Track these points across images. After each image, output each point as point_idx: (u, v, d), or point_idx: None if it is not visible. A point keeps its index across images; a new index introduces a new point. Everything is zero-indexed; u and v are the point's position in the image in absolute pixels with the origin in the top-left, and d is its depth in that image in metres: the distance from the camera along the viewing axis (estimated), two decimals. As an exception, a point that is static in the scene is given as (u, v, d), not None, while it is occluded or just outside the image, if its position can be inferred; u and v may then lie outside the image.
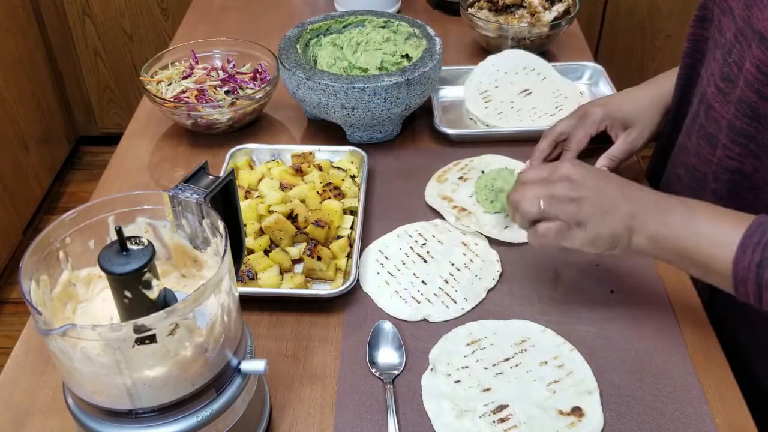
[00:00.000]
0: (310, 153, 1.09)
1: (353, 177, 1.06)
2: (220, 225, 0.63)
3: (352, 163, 1.08)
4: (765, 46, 0.75)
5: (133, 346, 0.55)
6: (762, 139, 0.81)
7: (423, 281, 0.92)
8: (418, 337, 0.85)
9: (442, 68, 1.24)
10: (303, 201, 0.99)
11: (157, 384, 0.58)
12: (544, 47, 1.39)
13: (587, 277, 0.93)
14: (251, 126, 1.22)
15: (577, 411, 0.76)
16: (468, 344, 0.83)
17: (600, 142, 1.05)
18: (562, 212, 0.78)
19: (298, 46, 1.16)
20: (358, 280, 0.91)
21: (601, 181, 0.79)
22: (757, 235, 0.70)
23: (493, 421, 0.75)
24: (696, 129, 0.92)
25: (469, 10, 1.40)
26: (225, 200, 0.70)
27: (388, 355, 0.83)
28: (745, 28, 0.80)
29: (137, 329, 0.54)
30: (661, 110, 1.04)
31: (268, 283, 0.89)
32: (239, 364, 0.65)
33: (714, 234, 0.73)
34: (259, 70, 1.26)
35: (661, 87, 1.05)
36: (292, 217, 0.97)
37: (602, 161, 1.04)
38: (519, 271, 0.94)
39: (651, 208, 0.76)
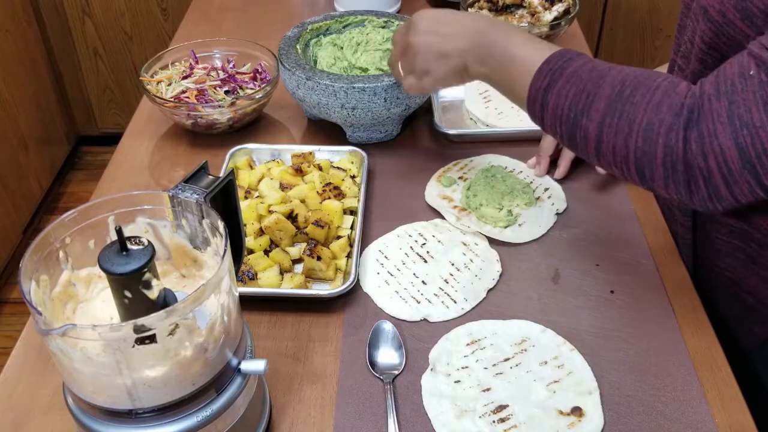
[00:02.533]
0: (310, 153, 1.09)
1: (353, 177, 1.06)
2: (220, 225, 0.63)
3: (352, 163, 1.08)
4: (707, 17, 0.78)
5: (133, 346, 0.55)
6: None
7: (423, 281, 0.92)
8: (418, 337, 0.85)
9: (442, 68, 1.24)
10: (303, 201, 0.99)
11: (157, 384, 0.58)
12: (544, 47, 1.39)
13: (587, 277, 0.93)
14: (251, 126, 1.22)
15: (577, 411, 0.76)
16: (468, 344, 0.83)
17: None
18: (412, 66, 0.94)
19: (298, 46, 1.16)
20: (358, 280, 0.91)
21: (440, 24, 0.90)
22: (554, 61, 0.78)
23: (493, 421, 0.75)
24: None
25: (469, 10, 1.40)
26: (225, 200, 0.70)
27: (388, 355, 0.83)
28: (696, 6, 0.83)
29: (137, 329, 0.54)
30: None
31: (268, 283, 0.89)
32: (239, 364, 0.65)
33: (522, 59, 0.82)
34: (259, 70, 1.26)
35: None
36: (292, 217, 0.97)
37: None
38: (519, 271, 0.94)
39: (478, 40, 0.86)
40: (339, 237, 0.96)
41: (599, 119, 0.73)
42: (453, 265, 0.94)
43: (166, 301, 0.60)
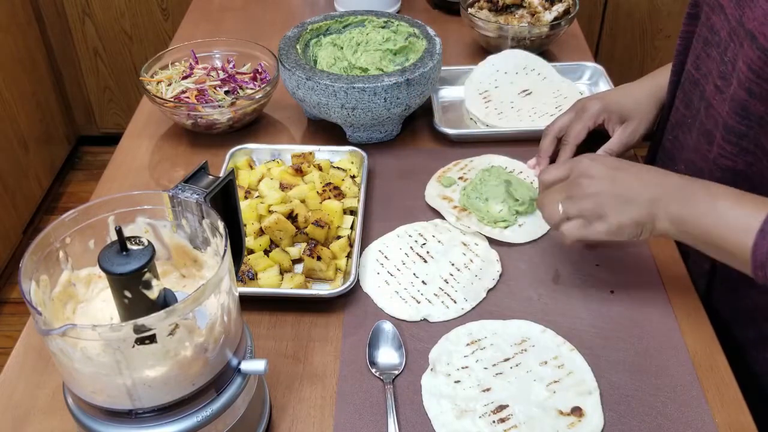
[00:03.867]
0: (310, 153, 1.09)
1: (353, 177, 1.06)
2: (220, 225, 0.63)
3: (352, 163, 1.08)
4: (756, 45, 0.76)
5: (133, 346, 0.55)
6: (753, 136, 0.81)
7: (423, 281, 0.92)
8: (418, 337, 0.85)
9: (442, 68, 1.24)
10: (303, 201, 0.99)
11: (157, 384, 0.58)
12: (544, 47, 1.39)
13: (587, 277, 0.93)
14: (251, 126, 1.22)
15: (577, 411, 0.76)
16: (468, 344, 0.83)
17: (598, 138, 1.05)
18: (581, 210, 0.80)
19: (298, 46, 1.16)
20: (358, 280, 0.91)
21: (620, 171, 0.80)
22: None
23: (493, 421, 0.75)
24: (697, 126, 0.93)
25: (469, 10, 1.40)
26: (225, 200, 0.70)
27: (388, 355, 0.83)
28: (737, 27, 0.81)
29: (137, 329, 0.54)
30: (658, 104, 1.05)
31: (268, 283, 0.89)
32: (239, 364, 0.66)
33: (735, 218, 0.73)
34: (259, 70, 1.26)
35: (657, 81, 1.06)
36: (292, 217, 0.97)
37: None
38: (519, 271, 0.94)
39: (673, 192, 0.77)
40: (339, 237, 0.96)
41: None
42: (453, 265, 0.94)
43: (166, 301, 0.60)
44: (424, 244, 0.97)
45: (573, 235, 0.82)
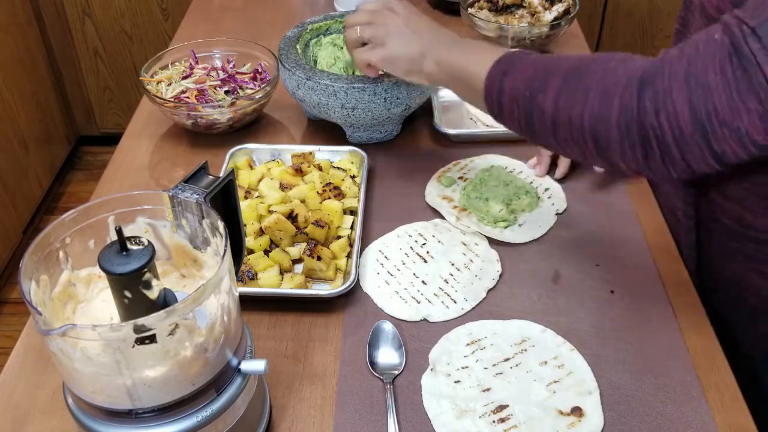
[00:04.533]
0: (310, 153, 1.09)
1: (353, 177, 1.06)
2: (220, 225, 0.63)
3: (352, 163, 1.08)
4: (704, 14, 0.78)
5: (133, 346, 0.55)
6: None
7: (423, 281, 0.92)
8: (418, 337, 0.85)
9: (442, 68, 1.24)
10: (303, 201, 0.99)
11: (157, 384, 0.58)
12: (544, 47, 1.39)
13: (587, 277, 0.93)
14: (251, 126, 1.22)
15: (577, 411, 0.76)
16: (468, 344, 0.83)
17: None
18: (372, 35, 0.96)
19: (298, 46, 1.16)
20: (358, 280, 0.91)
21: (418, 17, 0.95)
22: (514, 53, 0.81)
23: (493, 421, 0.75)
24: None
25: (469, 10, 1.40)
26: (225, 200, 0.70)
27: (388, 355, 0.83)
28: (696, 3, 0.83)
29: (137, 329, 0.54)
30: None
31: (268, 283, 0.89)
32: (239, 364, 0.65)
33: (479, 58, 0.83)
34: (259, 70, 1.26)
35: None
36: (292, 217, 0.97)
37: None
38: (519, 271, 0.94)
39: (445, 40, 0.92)
40: (339, 237, 0.96)
41: (555, 94, 0.73)
42: (453, 265, 0.94)
43: (166, 301, 0.60)
44: (424, 244, 0.97)
45: (360, 57, 0.98)
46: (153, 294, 0.58)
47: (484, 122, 1.20)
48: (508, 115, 0.80)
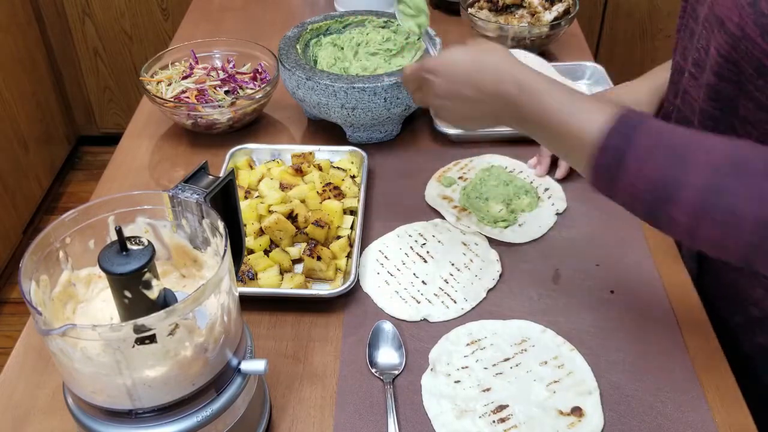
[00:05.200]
0: (310, 153, 1.09)
1: (353, 177, 1.06)
2: (220, 225, 0.63)
3: (352, 163, 1.08)
4: (724, 30, 0.76)
5: (133, 346, 0.55)
6: (725, 119, 0.82)
7: (423, 281, 0.92)
8: (418, 337, 0.85)
9: (442, 68, 1.24)
10: (303, 201, 0.99)
11: (157, 384, 0.58)
12: (544, 47, 1.39)
13: (587, 277, 0.93)
14: (251, 126, 1.22)
15: (577, 411, 0.76)
16: (468, 344, 0.83)
17: None
18: (430, 103, 0.85)
19: (298, 46, 1.16)
20: (358, 280, 0.91)
21: (464, 90, 0.81)
22: (616, 136, 0.68)
23: (493, 421, 0.75)
24: (674, 113, 0.94)
25: (469, 10, 1.40)
26: (225, 200, 0.70)
27: (388, 355, 0.83)
28: (709, 14, 0.81)
29: (137, 329, 0.54)
30: (658, 102, 1.04)
31: (268, 283, 0.89)
32: (239, 364, 0.65)
33: (572, 127, 0.72)
34: (259, 70, 1.26)
35: (657, 79, 1.05)
36: (292, 217, 0.97)
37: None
38: (519, 271, 0.94)
39: (507, 107, 0.78)
40: (339, 237, 0.96)
41: (691, 210, 0.64)
42: (453, 265, 0.94)
43: (166, 301, 0.60)
44: (424, 244, 0.97)
45: (446, 120, 0.87)
46: (153, 294, 0.58)
47: (484, 122, 1.20)
48: (626, 206, 0.70)
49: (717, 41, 0.78)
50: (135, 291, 0.57)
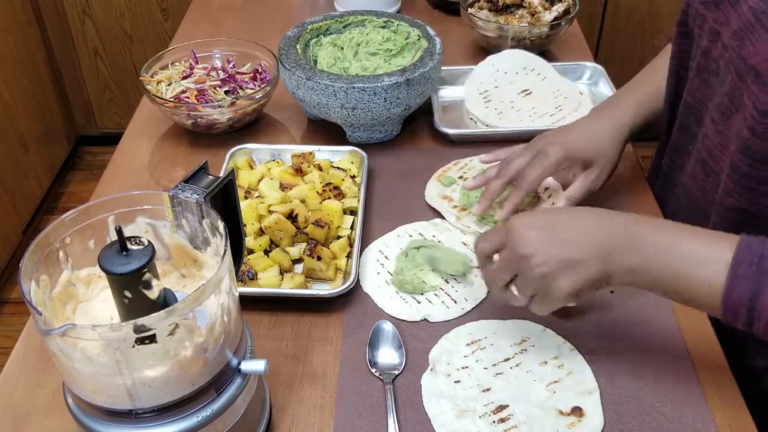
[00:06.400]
0: (310, 153, 1.09)
1: (353, 177, 1.06)
2: (220, 225, 0.63)
3: (352, 163, 1.08)
4: (760, 82, 0.73)
5: (133, 346, 0.55)
6: (757, 175, 0.80)
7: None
8: (418, 337, 0.85)
9: (442, 68, 1.24)
10: (303, 201, 0.99)
11: (157, 384, 0.58)
12: (544, 47, 1.39)
13: (587, 277, 0.92)
14: (251, 126, 1.22)
15: (577, 411, 0.76)
16: (468, 344, 0.83)
17: None
18: (534, 289, 0.74)
19: (298, 46, 1.16)
20: (358, 280, 0.91)
21: (556, 231, 0.73)
22: (746, 262, 0.66)
23: (493, 421, 0.75)
24: (694, 153, 0.93)
25: (469, 10, 1.40)
26: (225, 200, 0.70)
27: (388, 355, 0.83)
28: (737, 60, 0.78)
29: (137, 329, 0.54)
30: (621, 145, 0.98)
31: (268, 283, 0.89)
32: (239, 364, 0.66)
33: (697, 259, 0.68)
34: (259, 70, 1.26)
35: (622, 114, 0.98)
36: (292, 217, 0.97)
37: (560, 203, 0.97)
38: (519, 271, 0.94)
39: (621, 242, 0.71)
40: (339, 237, 0.96)
41: None
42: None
43: (166, 301, 0.60)
44: (424, 244, 0.97)
45: (542, 312, 0.77)
46: (153, 294, 0.58)
47: (484, 122, 1.20)
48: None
49: (752, 93, 0.75)
50: (135, 291, 0.57)
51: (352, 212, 1.00)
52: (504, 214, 0.94)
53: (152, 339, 0.56)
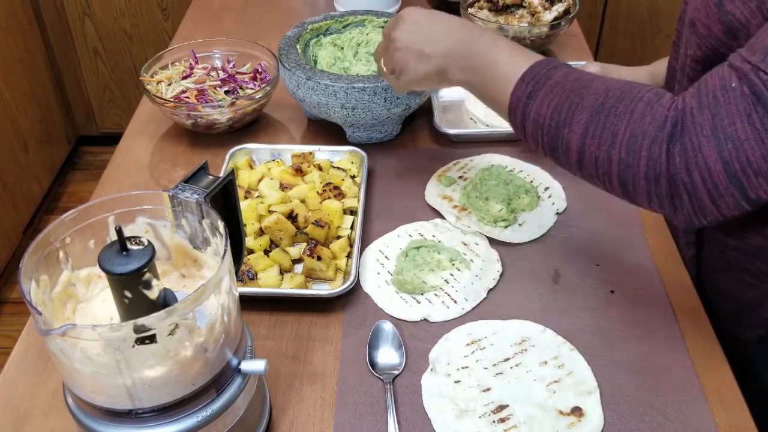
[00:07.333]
0: (310, 153, 1.09)
1: (353, 177, 1.06)
2: (220, 225, 0.63)
3: (352, 163, 1.08)
4: (695, 32, 0.77)
5: (133, 346, 0.55)
6: None
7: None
8: (418, 337, 0.85)
9: (442, 68, 1.24)
10: (303, 201, 0.99)
11: (157, 384, 0.58)
12: (544, 47, 1.39)
13: (587, 277, 0.93)
14: (251, 126, 1.22)
15: (577, 411, 0.76)
16: (468, 344, 0.83)
17: None
18: (393, 66, 0.90)
19: (298, 46, 1.16)
20: (358, 280, 0.91)
21: (425, 21, 0.89)
22: (537, 68, 0.77)
23: (493, 421, 0.75)
24: None
25: (469, 10, 1.40)
26: (225, 200, 0.70)
27: (388, 355, 0.83)
28: (685, 17, 0.83)
29: (137, 329, 0.54)
30: (654, 83, 1.05)
31: (268, 283, 0.89)
32: (239, 364, 0.65)
33: (505, 66, 0.80)
34: (259, 70, 1.26)
35: (658, 70, 1.06)
36: (292, 217, 0.97)
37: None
38: (519, 270, 0.94)
39: (461, 47, 0.85)
40: (339, 237, 0.96)
41: (581, 130, 0.72)
42: (453, 265, 0.94)
43: (166, 301, 0.60)
44: (424, 244, 0.97)
45: (394, 87, 0.94)
46: (153, 294, 0.58)
47: (484, 122, 1.20)
48: (532, 140, 0.78)
49: (690, 45, 0.79)
50: (135, 291, 0.57)
51: (352, 212, 1.00)
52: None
53: (152, 339, 0.56)
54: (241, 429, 0.68)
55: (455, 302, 0.89)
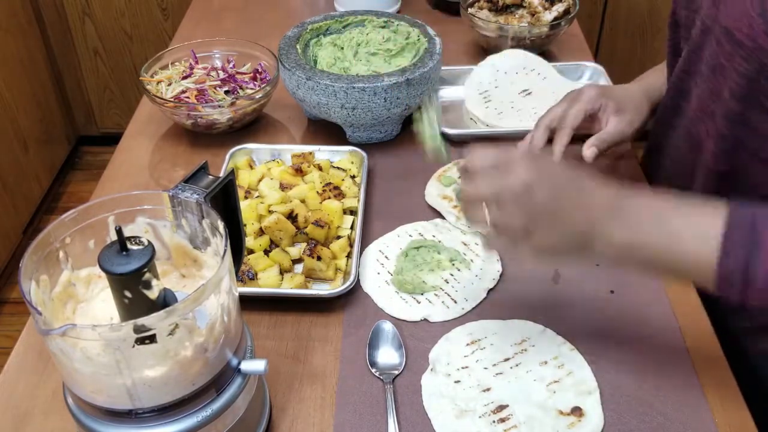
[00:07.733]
0: (310, 153, 1.09)
1: (353, 177, 1.06)
2: (220, 225, 0.63)
3: (352, 163, 1.08)
4: (728, 38, 0.76)
5: (133, 346, 0.55)
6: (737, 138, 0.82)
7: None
8: (418, 337, 0.85)
9: (442, 68, 1.24)
10: (303, 201, 0.99)
11: (157, 384, 0.58)
12: (544, 47, 1.39)
13: (587, 277, 0.93)
14: (251, 126, 1.22)
15: (577, 411, 0.76)
16: (468, 344, 0.83)
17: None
18: (505, 222, 0.69)
19: (298, 46, 1.16)
20: (358, 280, 0.91)
21: (554, 181, 0.69)
22: (739, 231, 0.65)
23: (493, 421, 0.75)
24: (681, 117, 0.95)
25: (469, 10, 1.40)
26: (225, 200, 0.70)
27: (388, 355, 0.83)
28: (712, 25, 0.81)
29: (137, 329, 0.54)
30: (651, 104, 1.04)
31: (268, 283, 0.89)
32: (239, 364, 0.66)
33: (691, 233, 0.67)
34: (259, 70, 1.26)
35: (650, 83, 1.06)
36: (292, 217, 0.97)
37: (592, 141, 0.99)
38: (519, 271, 0.94)
39: (611, 211, 0.68)
40: (339, 237, 0.96)
41: None
42: (453, 265, 0.94)
43: (166, 301, 0.60)
44: (424, 244, 0.97)
45: (497, 248, 0.74)
46: (153, 294, 0.58)
47: (484, 122, 1.20)
48: (762, 303, 0.65)
49: (724, 54, 0.78)
50: (135, 291, 0.57)
51: (352, 212, 1.00)
52: (557, 156, 0.98)
53: (152, 339, 0.56)
54: (241, 429, 0.68)
55: (455, 302, 0.89)
